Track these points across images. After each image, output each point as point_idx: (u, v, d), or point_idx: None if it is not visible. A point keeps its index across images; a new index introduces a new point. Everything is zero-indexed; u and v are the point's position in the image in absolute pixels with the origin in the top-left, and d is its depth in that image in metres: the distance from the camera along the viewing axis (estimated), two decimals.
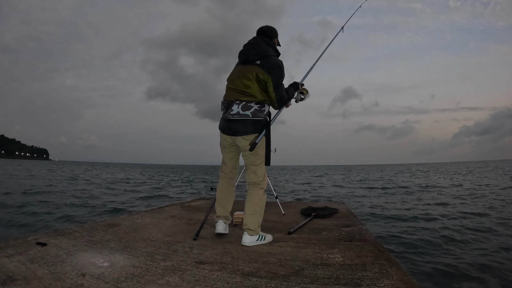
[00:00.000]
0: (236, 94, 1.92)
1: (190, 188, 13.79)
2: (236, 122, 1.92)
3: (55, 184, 13.08)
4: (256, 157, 1.98)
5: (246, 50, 1.97)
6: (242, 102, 1.89)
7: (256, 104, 1.89)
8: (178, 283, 1.30)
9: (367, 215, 6.19)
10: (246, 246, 1.90)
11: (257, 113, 1.90)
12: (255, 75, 1.88)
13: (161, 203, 7.43)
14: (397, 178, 21.95)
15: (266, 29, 2.07)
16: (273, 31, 2.08)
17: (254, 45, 1.98)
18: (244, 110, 1.88)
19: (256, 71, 1.88)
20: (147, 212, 3.12)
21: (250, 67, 1.91)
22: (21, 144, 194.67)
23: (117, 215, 4.26)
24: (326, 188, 13.78)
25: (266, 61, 1.90)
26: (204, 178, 24.14)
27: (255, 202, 1.98)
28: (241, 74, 1.94)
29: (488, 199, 8.49)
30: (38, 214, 5.89)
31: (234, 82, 1.95)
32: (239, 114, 1.89)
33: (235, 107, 1.90)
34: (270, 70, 1.88)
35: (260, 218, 2.00)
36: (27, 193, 9.09)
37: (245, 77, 1.91)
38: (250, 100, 1.89)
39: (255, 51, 1.93)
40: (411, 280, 1.32)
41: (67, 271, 1.38)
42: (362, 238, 2.07)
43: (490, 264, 3.15)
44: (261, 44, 1.97)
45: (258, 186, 2.01)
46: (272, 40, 2.06)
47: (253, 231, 1.94)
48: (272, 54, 1.97)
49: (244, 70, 1.94)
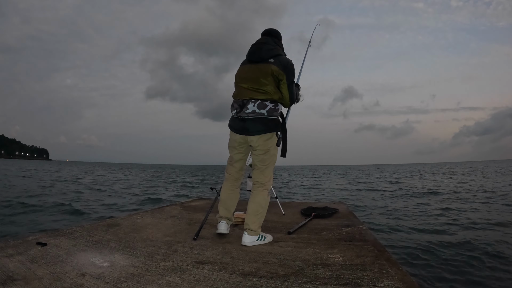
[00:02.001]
0: (251, 92, 1.91)
1: (186, 191, 13.11)
2: (252, 121, 1.91)
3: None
4: (266, 156, 1.99)
5: (258, 48, 1.98)
6: (258, 101, 1.89)
7: (271, 103, 1.91)
8: (178, 283, 1.30)
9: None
10: (246, 246, 1.90)
11: (272, 112, 1.91)
12: (270, 72, 1.89)
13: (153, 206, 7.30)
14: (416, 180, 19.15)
15: (272, 31, 2.10)
16: (279, 33, 2.12)
17: (265, 44, 1.99)
18: (260, 108, 1.88)
19: (272, 68, 1.89)
20: (147, 212, 3.12)
21: (265, 65, 1.91)
22: (21, 144, 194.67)
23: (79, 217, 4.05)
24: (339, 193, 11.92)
25: (279, 59, 1.93)
26: (204, 178, 24.13)
27: (258, 203, 1.98)
28: (256, 72, 1.93)
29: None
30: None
31: (248, 80, 1.94)
32: (255, 112, 1.88)
33: (251, 105, 1.89)
34: (284, 68, 1.90)
35: (262, 218, 2.00)
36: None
37: (261, 75, 1.91)
38: (266, 98, 1.90)
39: (267, 50, 1.95)
40: (411, 280, 1.32)
41: (67, 271, 1.38)
42: (362, 238, 2.07)
43: (493, 266, 3.15)
44: (272, 44, 2.00)
45: (263, 187, 2.01)
46: (280, 41, 2.10)
47: (254, 231, 1.93)
48: (283, 53, 2.03)
49: (258, 68, 1.93)
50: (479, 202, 8.07)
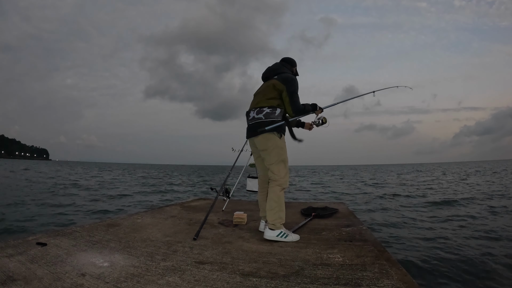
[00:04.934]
0: (254, 103, 2.25)
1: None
2: (253, 126, 2.18)
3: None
4: (265, 153, 2.15)
5: (267, 70, 2.34)
6: (257, 109, 2.18)
7: (268, 108, 2.14)
8: (178, 283, 1.30)
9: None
10: (267, 239, 2.03)
11: (269, 115, 2.13)
12: (272, 86, 2.18)
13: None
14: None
15: (285, 58, 2.42)
16: (293, 61, 2.41)
17: (273, 66, 2.33)
18: (258, 114, 2.17)
19: (273, 82, 2.19)
20: (147, 212, 3.12)
21: (269, 81, 2.25)
22: (21, 144, 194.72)
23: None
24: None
25: (282, 75, 2.22)
26: (205, 178, 24.13)
27: (271, 198, 2.09)
28: (263, 88, 2.27)
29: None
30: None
31: (257, 95, 2.28)
32: (254, 118, 2.18)
33: (252, 113, 2.21)
34: (283, 80, 2.17)
35: (280, 213, 2.07)
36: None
37: (266, 89, 2.22)
38: (263, 105, 2.16)
39: (273, 70, 2.30)
40: (411, 280, 1.32)
41: (67, 271, 1.38)
42: (362, 238, 2.07)
43: (495, 267, 3.15)
44: (279, 66, 2.32)
45: (276, 183, 2.11)
46: (292, 68, 2.39)
47: (274, 226, 2.05)
48: (288, 72, 2.29)
49: (264, 84, 2.28)
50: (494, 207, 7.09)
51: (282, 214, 2.08)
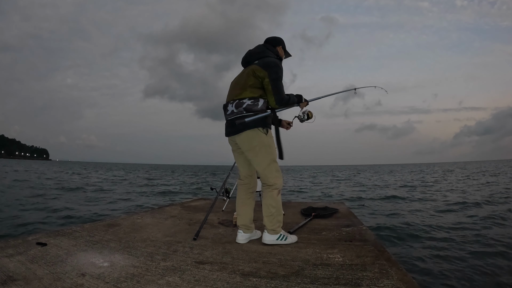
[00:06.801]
0: (232, 95, 1.95)
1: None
2: (232, 121, 1.90)
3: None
4: (252, 154, 1.91)
5: (247, 55, 2.04)
6: (235, 101, 1.89)
7: (250, 100, 1.85)
8: (178, 283, 1.30)
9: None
10: (265, 244, 1.92)
11: (250, 108, 1.83)
12: (252, 73, 1.89)
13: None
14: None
15: (268, 38, 2.13)
16: (277, 39, 2.12)
17: (254, 50, 2.03)
18: (237, 107, 1.86)
19: (253, 68, 1.91)
20: (147, 212, 3.12)
21: (248, 67, 1.96)
22: (21, 144, 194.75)
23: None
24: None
25: (264, 60, 1.93)
26: (205, 178, 24.13)
27: (268, 204, 1.92)
28: (242, 76, 1.98)
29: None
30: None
31: (235, 85, 1.98)
32: (233, 113, 1.88)
33: (230, 106, 1.91)
34: (266, 67, 1.88)
35: (278, 217, 1.94)
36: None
37: (241, 77, 1.96)
38: (243, 97, 1.87)
39: (254, 54, 2.00)
40: (411, 280, 1.32)
41: (67, 271, 1.38)
42: (362, 238, 2.07)
43: (493, 270, 3.14)
44: (261, 48, 2.02)
45: (271, 188, 1.93)
46: (275, 48, 2.09)
47: (273, 231, 1.92)
48: (271, 56, 1.99)
49: (243, 72, 1.99)
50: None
51: (280, 218, 1.96)
